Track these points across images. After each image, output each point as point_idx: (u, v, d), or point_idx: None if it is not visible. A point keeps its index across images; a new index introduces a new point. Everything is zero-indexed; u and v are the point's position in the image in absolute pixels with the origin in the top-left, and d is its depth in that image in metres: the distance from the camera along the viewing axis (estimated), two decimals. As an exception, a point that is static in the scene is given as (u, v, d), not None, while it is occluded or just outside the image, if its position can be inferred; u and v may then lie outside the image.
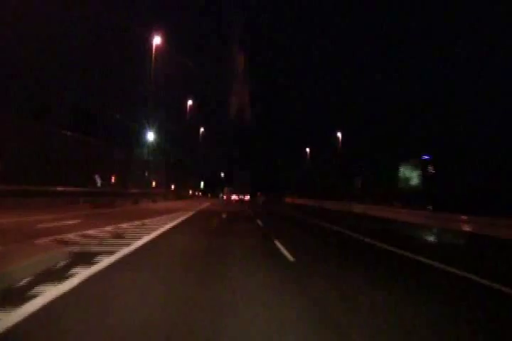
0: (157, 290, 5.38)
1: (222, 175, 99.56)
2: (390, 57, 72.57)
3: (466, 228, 15.72)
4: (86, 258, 6.93)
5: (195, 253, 8.67)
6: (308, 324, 4.26)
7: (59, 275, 5.77)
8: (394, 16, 74.79)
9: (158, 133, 41.43)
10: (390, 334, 4.13)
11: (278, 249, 9.53)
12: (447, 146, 42.48)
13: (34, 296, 4.74)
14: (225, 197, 79.87)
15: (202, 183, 77.47)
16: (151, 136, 38.13)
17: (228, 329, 4.00)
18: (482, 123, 41.82)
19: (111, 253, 7.67)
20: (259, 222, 18.27)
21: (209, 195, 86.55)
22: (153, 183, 44.80)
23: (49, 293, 4.91)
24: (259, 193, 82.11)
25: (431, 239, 14.81)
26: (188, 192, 55.00)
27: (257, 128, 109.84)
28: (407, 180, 48.87)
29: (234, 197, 77.50)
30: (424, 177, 43.70)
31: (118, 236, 10.11)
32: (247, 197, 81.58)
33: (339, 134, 65.04)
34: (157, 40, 36.03)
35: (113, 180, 33.51)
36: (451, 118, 48.78)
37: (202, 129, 73.31)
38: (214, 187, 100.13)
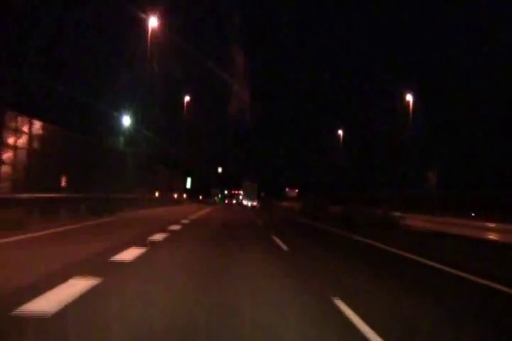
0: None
1: (220, 170, 74.77)
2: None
3: None
4: None
5: None
6: None
7: None
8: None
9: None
10: None
11: None
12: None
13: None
14: (226, 201, 73.14)
15: (189, 181, 52.57)
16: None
17: None
18: None
19: None
20: None
21: (200, 198, 61.75)
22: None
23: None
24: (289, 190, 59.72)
25: None
26: (154, 195, 30.05)
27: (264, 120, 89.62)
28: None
29: (245, 202, 70.71)
30: None
31: None
32: (255, 203, 71.41)
33: (409, 97, 40.00)
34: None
35: None
36: None
37: (187, 98, 48.64)
38: (208, 188, 75.39)
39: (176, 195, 40.97)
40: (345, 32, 77.48)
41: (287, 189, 63.63)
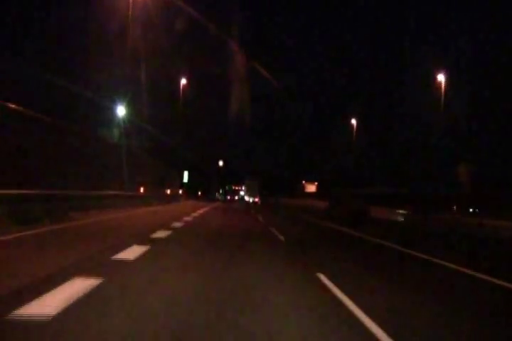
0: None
1: (221, 163, 68.89)
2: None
3: None
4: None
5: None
6: None
7: None
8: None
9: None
10: None
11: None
12: None
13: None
14: (228, 197, 71.04)
15: (186, 174, 46.75)
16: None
17: None
18: None
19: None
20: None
21: (199, 194, 55.90)
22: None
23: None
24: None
25: None
26: (139, 191, 24.14)
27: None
28: None
29: (246, 199, 67.61)
30: None
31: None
32: (257, 199, 69.38)
33: (441, 79, 34.14)
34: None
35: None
36: None
37: (183, 81, 42.68)
38: (208, 183, 69.72)
39: (169, 191, 35.08)
40: (348, 31, 73.93)
41: (304, 182, 55.70)
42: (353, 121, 51.72)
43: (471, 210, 19.91)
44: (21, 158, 13.79)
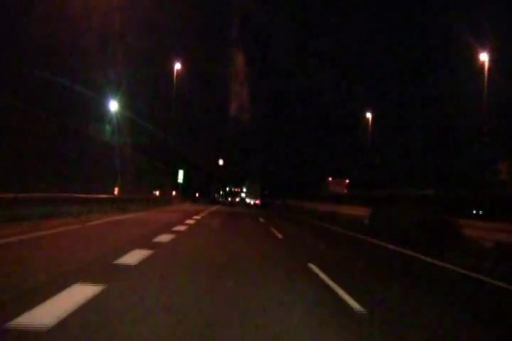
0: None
1: (221, 162, 63.35)
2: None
3: None
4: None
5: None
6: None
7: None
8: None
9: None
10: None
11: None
12: None
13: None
14: (229, 199, 69.80)
15: (181, 174, 41.04)
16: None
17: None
18: None
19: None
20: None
21: (196, 196, 50.22)
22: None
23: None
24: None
25: None
26: (114, 193, 18.51)
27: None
28: None
29: (248, 201, 64.64)
30: None
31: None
32: (258, 201, 65.97)
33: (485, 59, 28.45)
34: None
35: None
36: None
37: (178, 65, 37.02)
38: (208, 184, 64.24)
39: (157, 193, 29.33)
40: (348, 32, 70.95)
41: (330, 179, 44.69)
42: (368, 115, 46.52)
43: (474, 212, 15.64)
44: None
